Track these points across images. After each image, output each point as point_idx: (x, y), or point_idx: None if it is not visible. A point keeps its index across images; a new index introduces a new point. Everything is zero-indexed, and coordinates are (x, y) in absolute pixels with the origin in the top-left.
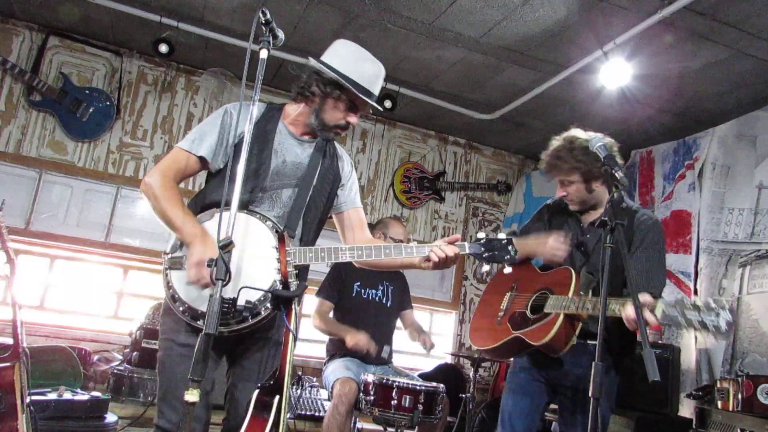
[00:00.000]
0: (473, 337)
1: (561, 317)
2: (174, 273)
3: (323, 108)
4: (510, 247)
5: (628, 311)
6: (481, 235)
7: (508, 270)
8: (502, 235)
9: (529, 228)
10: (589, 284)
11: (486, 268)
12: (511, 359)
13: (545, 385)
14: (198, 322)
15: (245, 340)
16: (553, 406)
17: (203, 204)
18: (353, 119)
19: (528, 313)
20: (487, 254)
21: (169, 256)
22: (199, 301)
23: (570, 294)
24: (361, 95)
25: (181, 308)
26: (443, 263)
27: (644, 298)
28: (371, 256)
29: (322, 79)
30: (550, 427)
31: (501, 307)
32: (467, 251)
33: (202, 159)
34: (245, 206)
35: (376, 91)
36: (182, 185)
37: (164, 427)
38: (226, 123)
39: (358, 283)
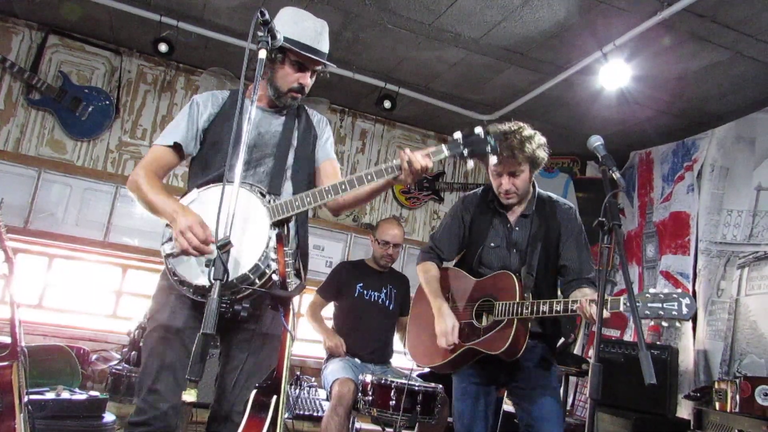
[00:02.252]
0: (415, 355)
1: (516, 323)
2: (172, 260)
3: (274, 75)
4: (488, 137)
5: (584, 307)
6: (457, 134)
7: (493, 160)
8: (478, 129)
9: (447, 238)
10: (529, 286)
11: (470, 164)
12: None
13: (495, 387)
14: (195, 296)
15: (232, 330)
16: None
17: (193, 186)
18: (305, 79)
19: (475, 322)
20: (467, 149)
21: (166, 244)
22: (197, 277)
23: (517, 298)
24: (302, 51)
25: (185, 288)
26: (414, 170)
27: (593, 298)
28: (354, 186)
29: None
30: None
31: None
32: (446, 153)
33: (177, 147)
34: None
35: (323, 47)
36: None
37: (132, 421)
38: (194, 111)
39: (361, 284)
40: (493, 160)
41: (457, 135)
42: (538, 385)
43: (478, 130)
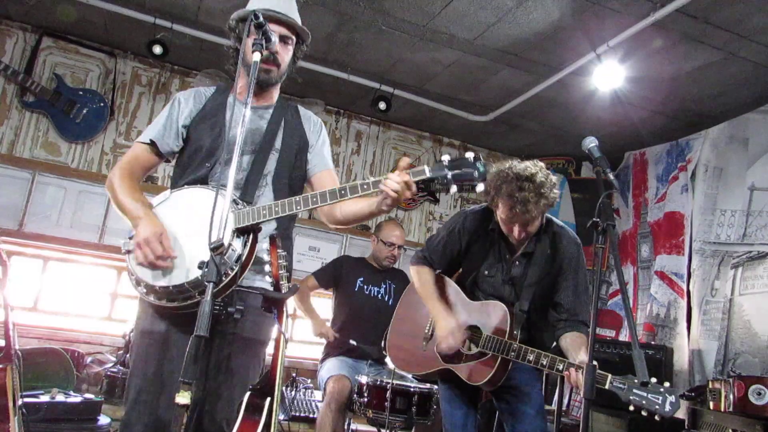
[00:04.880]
0: (394, 356)
1: (499, 360)
2: (132, 257)
3: (245, 52)
4: (478, 163)
5: (571, 375)
6: (445, 157)
7: (480, 188)
8: (468, 153)
9: (441, 252)
10: (520, 322)
11: (454, 189)
12: None
13: (476, 394)
14: (150, 297)
15: (212, 333)
16: None
17: (174, 187)
18: (273, 47)
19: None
20: (452, 173)
21: (128, 240)
22: (154, 277)
23: (507, 335)
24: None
25: (144, 290)
26: (401, 195)
27: (582, 358)
28: (326, 199)
29: (232, 27)
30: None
31: (425, 331)
32: (428, 175)
33: (153, 144)
34: (203, 181)
35: (292, 14)
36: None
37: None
38: (174, 109)
39: (361, 279)
40: (501, 207)
41: (445, 157)
42: (522, 385)
43: (468, 154)
